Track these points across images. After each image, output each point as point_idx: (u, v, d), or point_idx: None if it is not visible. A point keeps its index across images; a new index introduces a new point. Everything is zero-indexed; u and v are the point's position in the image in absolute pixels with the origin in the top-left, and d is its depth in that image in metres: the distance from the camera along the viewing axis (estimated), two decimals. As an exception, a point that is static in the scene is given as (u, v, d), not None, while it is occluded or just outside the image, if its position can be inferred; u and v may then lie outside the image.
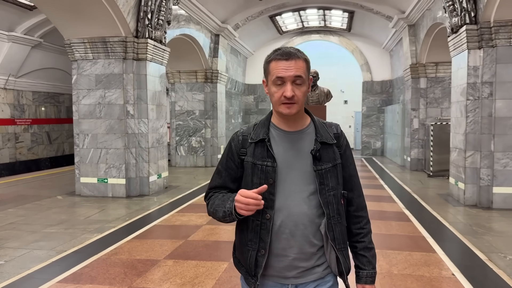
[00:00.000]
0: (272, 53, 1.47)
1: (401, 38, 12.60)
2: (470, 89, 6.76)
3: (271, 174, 1.44)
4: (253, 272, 1.45)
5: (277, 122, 1.52)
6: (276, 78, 1.41)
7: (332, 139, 1.52)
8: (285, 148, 1.48)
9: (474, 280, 3.64)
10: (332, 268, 1.49)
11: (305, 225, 1.44)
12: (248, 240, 1.46)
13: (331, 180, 1.47)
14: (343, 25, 15.57)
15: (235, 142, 1.54)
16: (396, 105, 14.22)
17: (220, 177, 1.55)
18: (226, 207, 1.42)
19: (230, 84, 14.67)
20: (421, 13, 10.33)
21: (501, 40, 6.48)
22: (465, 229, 5.36)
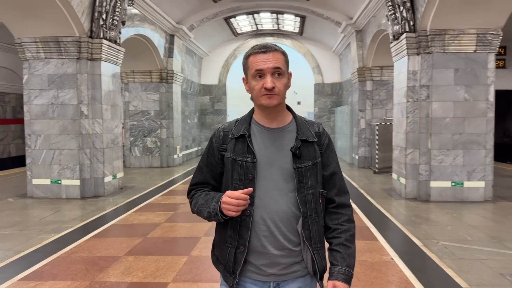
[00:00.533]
0: (250, 49, 1.48)
1: (349, 43, 13.29)
2: (410, 92, 7.38)
3: (250, 170, 1.43)
4: (232, 269, 1.45)
5: (258, 118, 1.51)
6: (256, 71, 1.42)
7: (313, 137, 1.51)
8: (265, 145, 1.47)
9: (410, 263, 4.09)
10: (308, 267, 1.48)
11: (284, 222, 1.43)
12: (228, 237, 1.46)
13: (310, 179, 1.47)
14: (296, 29, 16.10)
15: (216, 137, 1.53)
16: (345, 106, 14.94)
17: (201, 173, 1.55)
18: (211, 207, 1.42)
19: (185, 84, 14.73)
20: (367, 19, 11.00)
21: (436, 47, 7.14)
22: (405, 220, 5.90)
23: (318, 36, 16.31)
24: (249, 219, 1.42)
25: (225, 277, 1.49)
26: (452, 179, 7.15)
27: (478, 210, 6.44)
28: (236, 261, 1.44)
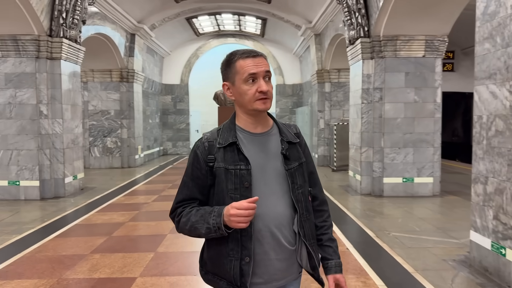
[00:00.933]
0: (234, 54, 1.46)
1: (309, 46, 13.72)
2: (364, 94, 7.82)
3: (246, 178, 1.40)
4: (239, 283, 1.39)
5: (243, 124, 1.49)
6: (249, 75, 1.40)
7: (295, 138, 1.55)
8: (255, 150, 1.46)
9: (363, 252, 4.43)
10: (304, 264, 1.50)
11: (284, 225, 1.44)
12: (230, 250, 1.40)
13: (299, 179, 1.49)
14: (257, 30, 16.39)
15: (200, 149, 1.47)
16: (305, 107, 15.39)
17: (188, 188, 1.48)
18: (211, 223, 1.36)
19: (146, 83, 14.62)
20: (326, 24, 11.44)
21: (388, 52, 7.62)
22: (360, 214, 6.28)
23: (279, 38, 16.68)
24: (251, 228, 1.38)
25: None
26: (403, 175, 7.66)
27: (427, 204, 6.95)
28: (243, 273, 1.38)
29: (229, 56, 1.47)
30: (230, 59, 1.46)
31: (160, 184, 9.20)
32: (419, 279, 3.68)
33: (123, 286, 3.49)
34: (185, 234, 1.46)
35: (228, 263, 1.40)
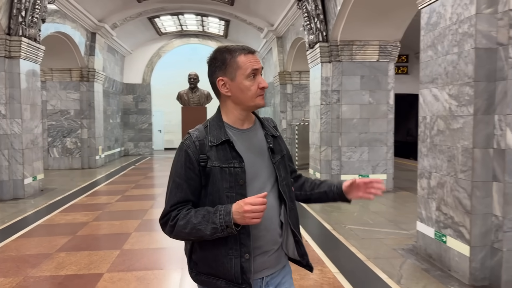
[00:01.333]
0: (234, 50, 1.44)
1: (271, 48, 14.05)
2: (323, 96, 8.20)
3: (240, 175, 1.41)
4: (241, 280, 1.39)
5: (232, 121, 1.49)
6: (252, 70, 1.41)
7: (276, 131, 1.59)
8: (245, 147, 1.47)
9: (321, 243, 4.73)
10: (291, 252, 1.53)
11: (275, 217, 1.47)
12: (228, 249, 1.40)
13: (283, 171, 1.53)
14: (220, 31, 16.54)
15: (191, 149, 1.43)
16: (268, 107, 15.71)
17: (181, 190, 1.43)
18: (217, 222, 1.34)
19: (107, 83, 14.40)
20: (287, 27, 11.79)
21: (345, 56, 8.03)
22: (319, 209, 6.61)
23: (243, 39, 16.90)
24: (248, 225, 1.38)
25: None
26: (359, 172, 8.10)
27: (381, 199, 7.40)
28: (244, 270, 1.39)
29: (227, 51, 1.44)
30: (231, 54, 1.42)
31: (123, 185, 9.16)
32: (371, 266, 4.01)
33: (91, 281, 3.58)
34: (180, 237, 1.42)
35: (229, 262, 1.39)
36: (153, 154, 17.09)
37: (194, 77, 15.07)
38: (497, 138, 3.45)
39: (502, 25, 3.38)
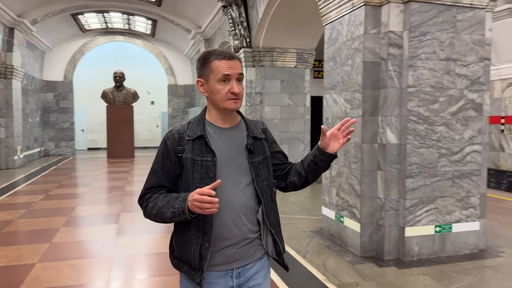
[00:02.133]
0: (210, 54, 1.53)
1: (200, 49, 14.42)
2: (248, 97, 8.81)
3: (211, 169, 1.50)
4: (198, 266, 1.49)
5: (213, 119, 1.59)
6: (223, 75, 1.48)
7: (261, 134, 1.64)
8: (222, 144, 1.55)
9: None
10: (269, 251, 1.60)
11: (245, 214, 1.53)
12: (191, 236, 1.50)
13: (263, 171, 1.58)
14: (147, 30, 16.52)
15: (170, 140, 1.56)
16: (197, 107, 16.07)
17: (157, 176, 1.57)
18: (176, 207, 1.44)
19: (26, 80, 13.74)
20: (214, 30, 12.27)
21: (267, 62, 8.72)
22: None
23: (171, 39, 17.04)
24: (212, 216, 1.47)
25: (191, 275, 1.52)
26: (280, 168, 8.84)
27: (299, 192, 8.17)
28: (202, 257, 1.48)
29: (206, 54, 1.54)
30: (206, 58, 1.53)
31: (46, 185, 8.99)
32: (283, 246, 4.65)
33: (23, 271, 3.77)
34: (151, 218, 1.55)
35: (190, 248, 1.49)
36: (75, 154, 16.53)
37: (120, 75, 14.93)
38: (380, 135, 4.25)
39: (383, 43, 4.19)
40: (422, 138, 4.11)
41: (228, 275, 1.54)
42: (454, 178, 4.23)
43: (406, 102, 4.08)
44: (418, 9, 4.03)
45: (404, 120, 4.10)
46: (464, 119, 4.25)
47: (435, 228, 4.19)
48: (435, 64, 4.11)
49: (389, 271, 3.86)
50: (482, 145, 4.36)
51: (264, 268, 1.62)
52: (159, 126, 20.17)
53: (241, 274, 1.55)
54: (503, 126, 9.38)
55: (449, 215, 4.23)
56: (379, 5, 4.17)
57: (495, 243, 4.68)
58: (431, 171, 4.16)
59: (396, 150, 4.16)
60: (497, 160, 9.53)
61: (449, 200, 4.23)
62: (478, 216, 4.36)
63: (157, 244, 4.73)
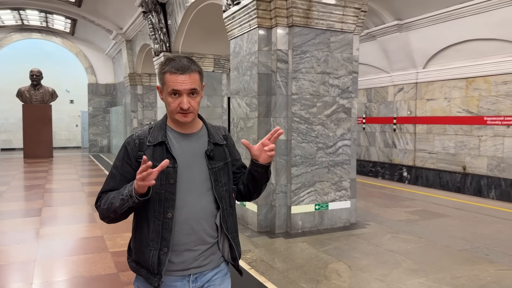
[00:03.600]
0: (166, 64, 1.50)
1: (121, 49, 14.63)
2: (168, 98, 9.43)
3: (172, 175, 1.50)
4: (156, 271, 1.49)
5: (173, 125, 1.58)
6: (172, 90, 1.47)
7: (223, 140, 1.65)
8: (182, 150, 1.55)
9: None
10: (225, 255, 1.61)
11: (205, 219, 1.54)
12: (150, 241, 1.50)
13: (223, 177, 1.59)
14: (66, 28, 16.28)
15: (131, 145, 1.56)
16: (119, 106, 16.17)
17: (115, 180, 1.56)
18: (124, 194, 1.45)
19: None
20: (136, 32, 12.65)
21: (186, 65, 9.41)
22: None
23: (91, 38, 16.91)
24: (171, 221, 1.48)
25: (149, 279, 1.52)
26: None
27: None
28: (160, 262, 1.49)
29: (162, 64, 1.53)
30: (162, 68, 1.52)
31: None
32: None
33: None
34: (104, 216, 1.53)
35: (148, 253, 1.50)
36: (-12, 155, 15.78)
37: (37, 74, 14.61)
38: (272, 133, 5.23)
39: (273, 59, 5.16)
40: (303, 135, 5.16)
41: (185, 279, 1.55)
42: (329, 166, 5.35)
43: (291, 106, 5.09)
44: (299, 32, 5.06)
45: (290, 121, 5.11)
46: (336, 120, 5.38)
47: (315, 206, 5.27)
48: (313, 76, 5.17)
49: (277, 241, 4.83)
50: (351, 140, 5.53)
51: (222, 270, 1.64)
52: (79, 126, 19.79)
53: (198, 278, 1.57)
54: (395, 126, 11.04)
55: (326, 195, 5.34)
56: (270, 27, 5.14)
57: (365, 218, 5.90)
58: (311, 161, 5.22)
59: (284, 145, 5.15)
60: (390, 155, 11.19)
61: (326, 184, 5.33)
62: (349, 197, 5.53)
63: (80, 232, 5.25)
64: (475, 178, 8.73)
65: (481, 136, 8.56)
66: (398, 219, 5.85)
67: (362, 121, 13.65)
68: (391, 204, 6.98)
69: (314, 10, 5.04)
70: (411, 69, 10.04)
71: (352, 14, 5.31)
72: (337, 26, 5.27)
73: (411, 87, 10.24)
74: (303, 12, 4.99)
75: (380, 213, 6.25)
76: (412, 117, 10.33)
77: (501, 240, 4.84)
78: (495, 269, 3.93)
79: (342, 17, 5.25)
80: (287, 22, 5.05)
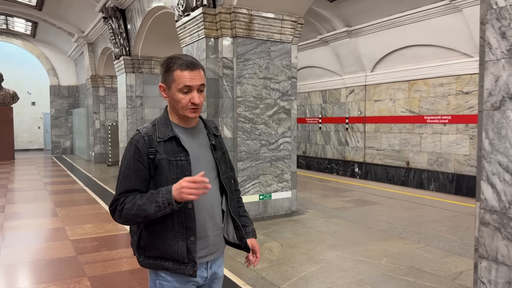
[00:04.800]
0: (173, 63, 1.55)
1: (83, 52, 14.83)
2: (129, 100, 9.88)
3: (186, 167, 1.56)
4: (187, 259, 1.55)
5: (176, 120, 1.64)
6: (184, 86, 1.53)
7: (217, 131, 1.76)
8: (190, 143, 1.62)
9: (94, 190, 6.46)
10: (231, 237, 1.71)
11: (217, 205, 1.66)
12: (176, 232, 1.55)
13: (223, 165, 1.71)
14: (27, 31, 16.26)
15: (141, 143, 1.57)
16: (81, 108, 16.31)
17: (130, 180, 1.56)
18: (160, 200, 1.46)
19: None
20: (97, 36, 12.94)
21: (146, 69, 9.89)
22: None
23: (53, 40, 16.94)
24: (193, 211, 1.56)
25: (179, 269, 1.57)
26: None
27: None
28: (189, 251, 1.55)
29: (169, 62, 1.57)
30: (169, 66, 1.56)
31: None
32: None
33: None
34: (128, 220, 1.53)
35: (176, 244, 1.55)
36: None
37: None
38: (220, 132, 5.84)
39: (220, 66, 5.78)
40: (248, 133, 5.80)
41: (203, 267, 1.64)
42: (272, 161, 6.02)
43: (236, 108, 5.72)
44: (242, 42, 5.70)
45: (235, 121, 5.74)
46: (277, 120, 6.05)
47: (259, 197, 5.92)
48: (256, 81, 5.83)
49: (224, 228, 5.43)
50: (291, 137, 6.23)
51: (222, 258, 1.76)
52: (41, 128, 19.68)
53: (212, 265, 1.68)
54: (347, 125, 11.89)
55: (269, 187, 6.01)
56: (216, 37, 5.75)
57: (306, 207, 6.60)
58: (255, 156, 5.87)
59: (231, 142, 5.78)
60: (344, 152, 12.04)
61: (269, 176, 6.00)
62: (290, 187, 6.22)
63: (42, 224, 5.66)
64: (417, 172, 9.64)
65: (422, 133, 9.47)
66: (334, 207, 6.60)
67: (319, 121, 14.52)
68: (332, 195, 7.76)
69: (255, 23, 5.70)
70: (361, 72, 10.88)
71: (290, 26, 6.00)
72: (276, 37, 5.95)
73: (361, 89, 11.07)
74: (245, 24, 5.64)
75: (320, 202, 7.00)
76: (362, 117, 11.17)
77: (416, 222, 5.66)
78: (403, 243, 4.71)
79: (280, 29, 5.93)
80: (231, 33, 5.68)
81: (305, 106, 15.12)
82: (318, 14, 10.75)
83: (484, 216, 2.32)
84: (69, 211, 6.43)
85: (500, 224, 2.24)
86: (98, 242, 4.78)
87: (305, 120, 15.30)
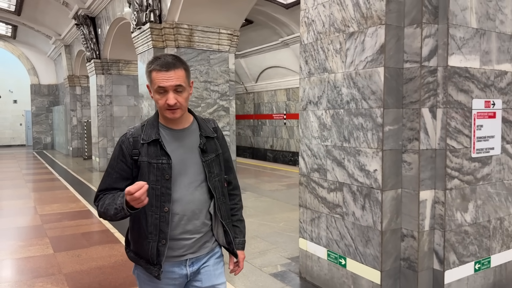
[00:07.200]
0: (152, 63, 1.54)
1: (61, 53, 15.77)
2: (99, 99, 10.94)
3: (167, 171, 1.56)
4: (155, 261, 1.57)
5: (164, 122, 1.63)
6: (158, 87, 1.51)
7: (213, 133, 1.71)
8: (176, 145, 1.61)
9: (74, 185, 7.57)
10: (220, 241, 1.73)
11: (200, 209, 1.63)
12: (149, 233, 1.57)
13: (215, 168, 1.68)
14: (8, 32, 17.09)
15: (125, 144, 1.59)
16: (61, 106, 17.25)
17: (111, 179, 1.60)
18: (117, 204, 1.48)
19: None
20: (73, 39, 13.92)
21: (114, 70, 10.96)
22: (95, 181, 9.37)
23: (33, 41, 17.78)
24: (168, 215, 1.56)
25: (148, 269, 1.60)
26: (128, 155, 11.20)
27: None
28: (159, 253, 1.57)
29: (148, 63, 1.57)
30: (148, 67, 1.56)
31: None
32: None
33: None
34: (103, 217, 1.58)
35: (147, 245, 1.58)
36: None
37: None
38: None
39: (167, 71, 6.91)
40: (190, 128, 6.96)
41: (182, 264, 1.64)
42: (212, 150, 7.19)
43: (180, 106, 6.87)
44: (185, 51, 6.85)
45: (179, 117, 6.89)
46: (218, 116, 7.23)
47: (201, 180, 7.10)
48: (197, 84, 6.98)
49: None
50: (230, 131, 7.40)
51: (216, 254, 1.74)
52: (23, 124, 20.51)
53: (194, 263, 1.66)
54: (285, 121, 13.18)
55: (209, 172, 7.18)
56: (162, 47, 6.89)
57: (246, 190, 7.78)
58: (197, 147, 7.04)
59: (176, 135, 6.93)
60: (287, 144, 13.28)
61: (210, 163, 7.18)
62: (229, 173, 7.41)
63: (18, 204, 6.76)
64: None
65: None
66: (269, 189, 7.82)
67: (283, 117, 15.77)
68: (273, 180, 8.99)
69: (195, 35, 6.86)
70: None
71: (226, 38, 7.18)
72: (214, 47, 7.12)
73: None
74: (186, 37, 6.80)
75: (260, 186, 8.22)
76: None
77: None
78: (307, 214, 5.94)
79: (218, 41, 7.10)
80: (175, 44, 6.83)
81: (272, 103, 16.35)
82: (277, 19, 11.95)
83: (300, 178, 3.54)
84: (41, 195, 7.55)
85: (307, 183, 3.46)
86: (62, 216, 5.93)
87: (272, 116, 16.54)
